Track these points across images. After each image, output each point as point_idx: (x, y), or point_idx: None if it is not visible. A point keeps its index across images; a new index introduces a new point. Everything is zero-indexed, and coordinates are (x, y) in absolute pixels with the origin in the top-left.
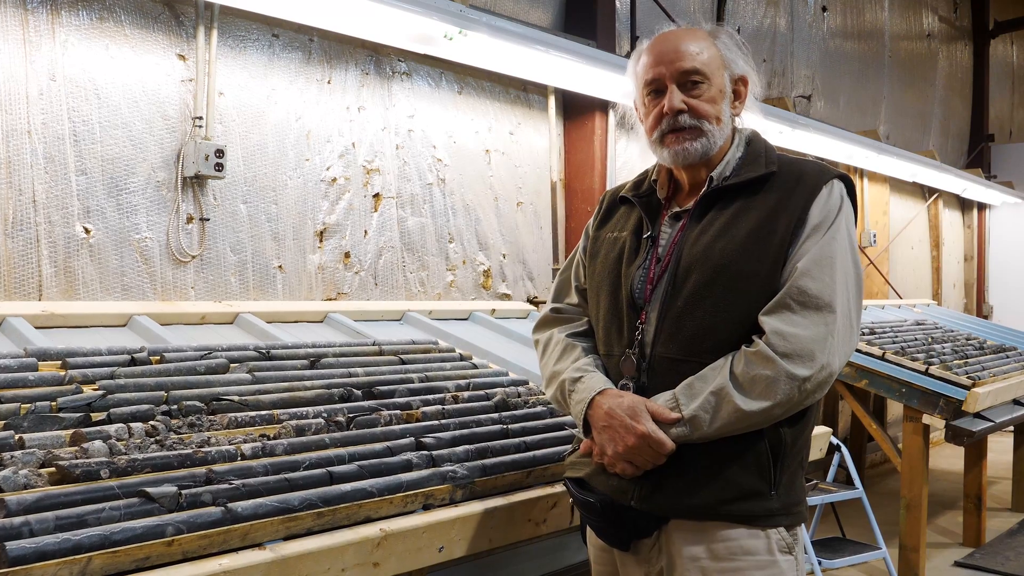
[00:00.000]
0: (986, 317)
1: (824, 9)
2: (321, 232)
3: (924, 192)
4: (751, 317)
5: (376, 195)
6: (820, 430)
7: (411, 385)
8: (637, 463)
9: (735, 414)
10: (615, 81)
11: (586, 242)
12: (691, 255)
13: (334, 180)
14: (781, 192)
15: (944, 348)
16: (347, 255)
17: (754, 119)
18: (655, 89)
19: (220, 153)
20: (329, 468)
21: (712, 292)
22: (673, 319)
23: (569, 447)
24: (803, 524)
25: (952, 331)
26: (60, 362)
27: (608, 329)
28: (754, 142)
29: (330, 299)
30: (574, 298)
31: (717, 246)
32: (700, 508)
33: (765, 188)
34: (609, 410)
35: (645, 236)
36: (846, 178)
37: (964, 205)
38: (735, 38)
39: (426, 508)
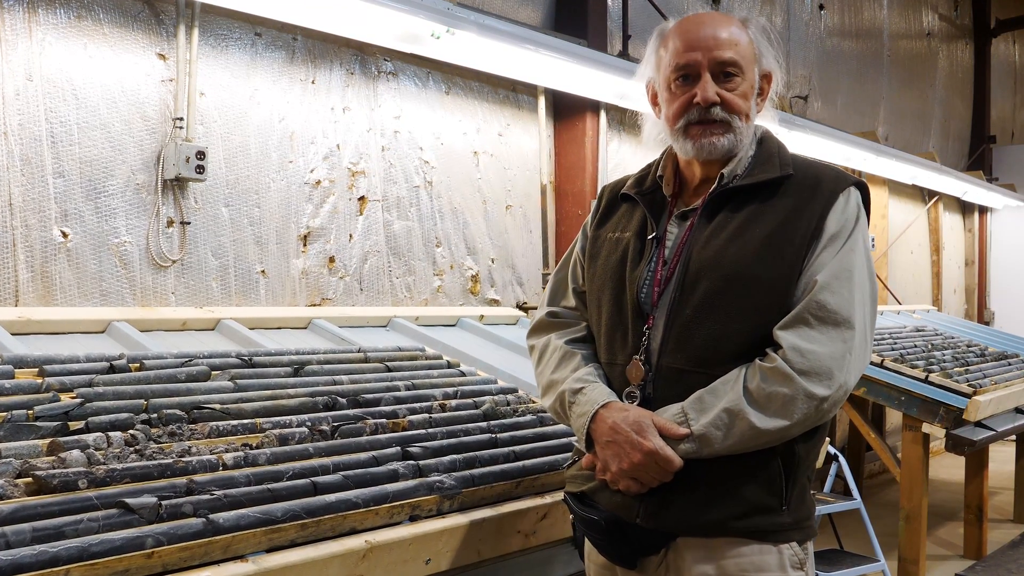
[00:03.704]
0: (987, 323)
1: (821, 7)
2: (305, 236)
3: (924, 195)
4: (762, 328)
5: (361, 198)
6: None
7: (397, 393)
8: (643, 480)
9: (749, 431)
10: (607, 81)
11: (584, 242)
12: (701, 259)
13: (318, 183)
14: (797, 198)
15: (944, 355)
16: (332, 259)
17: (767, 118)
18: (686, 75)
19: (201, 155)
20: (313, 478)
21: (723, 301)
22: (682, 328)
23: (569, 458)
24: (813, 539)
25: (952, 337)
26: (37, 369)
27: (611, 336)
28: (767, 141)
29: (314, 305)
30: (571, 301)
31: (729, 252)
32: (709, 525)
33: (780, 192)
34: (614, 424)
35: (650, 237)
36: (862, 185)
37: (965, 208)
38: (767, 30)
39: (412, 519)
